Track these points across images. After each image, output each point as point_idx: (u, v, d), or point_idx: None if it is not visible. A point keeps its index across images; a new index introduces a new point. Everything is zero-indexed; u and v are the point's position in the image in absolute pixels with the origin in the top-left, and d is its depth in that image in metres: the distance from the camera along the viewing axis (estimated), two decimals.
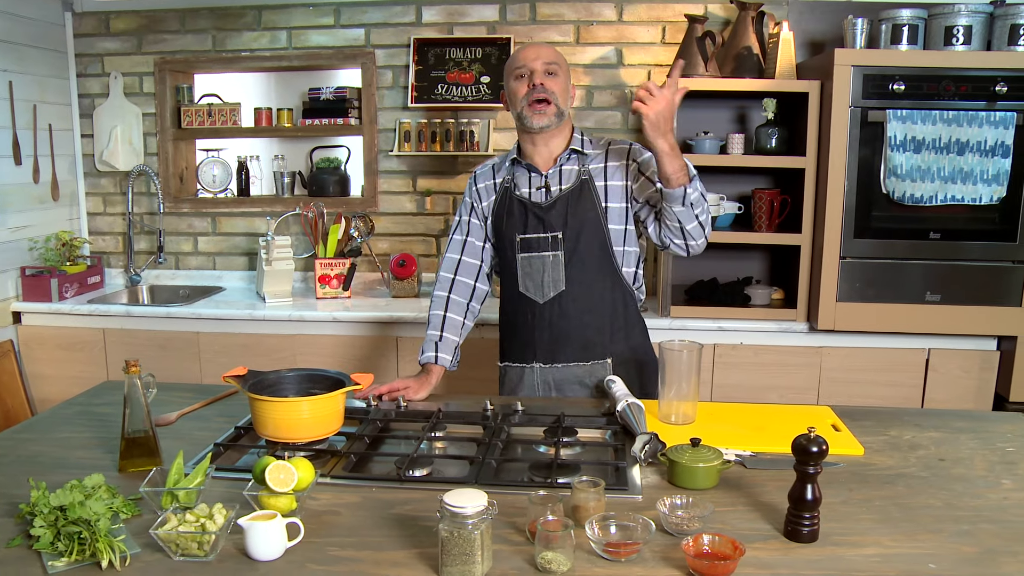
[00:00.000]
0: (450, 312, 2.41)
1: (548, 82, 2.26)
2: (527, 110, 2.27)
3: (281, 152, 4.13)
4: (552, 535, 1.35)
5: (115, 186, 4.11)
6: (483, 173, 2.47)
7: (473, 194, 2.45)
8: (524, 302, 2.36)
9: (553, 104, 2.27)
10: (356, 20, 3.85)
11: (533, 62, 2.27)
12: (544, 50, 2.32)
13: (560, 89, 2.29)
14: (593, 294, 2.35)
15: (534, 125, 2.28)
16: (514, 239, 2.34)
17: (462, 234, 2.46)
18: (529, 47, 2.33)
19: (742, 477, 1.76)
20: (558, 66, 2.30)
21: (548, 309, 2.34)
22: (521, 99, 2.28)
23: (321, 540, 1.47)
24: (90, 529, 1.40)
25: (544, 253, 2.32)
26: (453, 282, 2.44)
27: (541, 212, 2.32)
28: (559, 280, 2.32)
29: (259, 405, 1.86)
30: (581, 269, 2.32)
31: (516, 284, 2.37)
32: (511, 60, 2.36)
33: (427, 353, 2.37)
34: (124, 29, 3.99)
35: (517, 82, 2.30)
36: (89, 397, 2.33)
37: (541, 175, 2.34)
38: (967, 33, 3.01)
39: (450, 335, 2.39)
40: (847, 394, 3.23)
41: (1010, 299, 3.08)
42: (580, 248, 2.31)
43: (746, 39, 3.33)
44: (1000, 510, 1.62)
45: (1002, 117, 2.91)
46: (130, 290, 4.00)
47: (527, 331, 2.38)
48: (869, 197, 3.06)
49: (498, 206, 2.39)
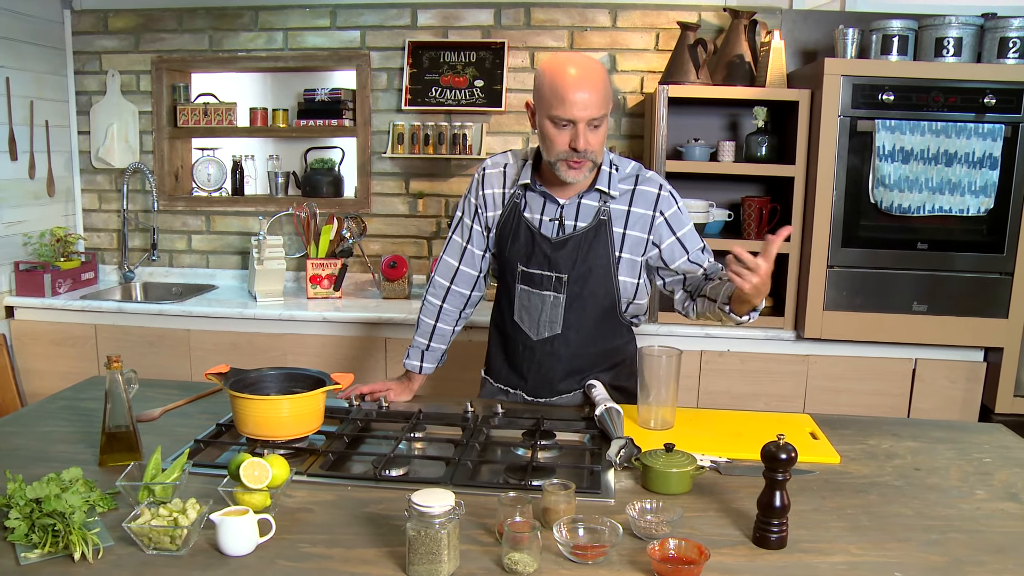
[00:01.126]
0: (441, 322, 2.35)
1: (592, 140, 1.98)
2: (562, 166, 2.02)
3: (276, 152, 4.15)
4: (519, 536, 1.37)
5: (110, 183, 4.14)
6: (492, 177, 2.24)
7: (480, 199, 2.24)
8: (518, 331, 2.24)
9: (591, 161, 2.03)
10: (352, 22, 3.87)
11: (580, 112, 1.94)
12: (594, 94, 1.94)
13: (601, 143, 2.02)
14: (588, 341, 2.23)
15: (566, 179, 2.05)
16: (515, 267, 2.19)
17: (462, 239, 2.29)
18: (577, 85, 1.93)
19: (716, 483, 1.77)
20: (605, 116, 2.00)
21: (540, 347, 2.22)
22: (559, 152, 2.01)
23: (293, 537, 1.48)
24: (64, 522, 1.41)
25: (545, 292, 2.16)
26: (448, 291, 2.33)
27: (549, 249, 2.14)
28: (556, 322, 2.18)
29: (240, 403, 1.88)
30: (580, 315, 2.18)
31: (512, 311, 2.24)
32: (551, 93, 1.96)
33: (412, 361, 2.35)
34: (122, 27, 4.01)
35: (555, 128, 1.99)
36: (75, 392, 2.34)
37: (556, 204, 2.14)
38: (957, 45, 3.02)
39: (437, 344, 2.36)
40: (833, 403, 3.24)
41: (997, 311, 3.09)
42: (584, 294, 2.16)
43: (738, 47, 3.34)
44: (971, 520, 1.63)
45: (990, 129, 2.93)
46: (123, 287, 4.02)
47: (516, 361, 2.28)
48: (857, 206, 3.07)
49: (503, 223, 2.21)
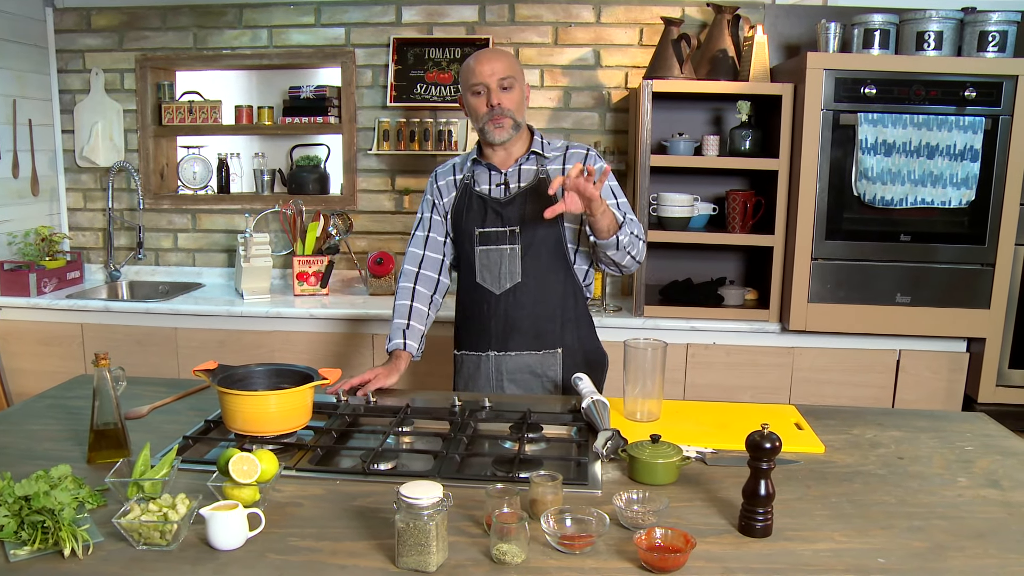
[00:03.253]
0: (416, 302, 2.48)
1: (504, 99, 2.34)
2: (488, 126, 2.37)
3: (261, 150, 4.14)
4: (507, 527, 1.38)
5: (95, 182, 4.12)
6: (444, 171, 2.54)
7: (434, 191, 2.53)
8: (481, 292, 2.44)
9: (510, 119, 2.35)
10: (336, 19, 3.86)
11: (489, 78, 2.33)
12: (497, 63, 2.35)
13: (516, 103, 2.36)
14: (546, 286, 2.44)
15: (495, 139, 2.38)
16: (473, 232, 2.42)
17: (424, 230, 2.53)
18: (483, 59, 2.36)
19: (701, 473, 1.79)
20: (513, 78, 2.35)
21: (503, 299, 2.42)
22: (481, 117, 2.37)
23: (282, 531, 1.49)
24: (54, 518, 1.41)
25: (502, 246, 2.40)
26: (417, 275, 2.51)
27: (499, 207, 2.41)
28: (515, 272, 2.41)
29: (228, 399, 1.88)
30: (536, 262, 2.41)
31: (474, 275, 2.45)
32: (466, 73, 2.39)
33: (395, 340, 2.44)
34: (105, 25, 4.00)
35: (475, 99, 2.37)
36: (62, 390, 2.34)
37: (501, 173, 2.44)
38: (938, 39, 3.05)
39: (416, 324, 2.46)
40: (818, 394, 3.27)
41: (979, 301, 3.13)
42: (535, 242, 2.40)
43: (721, 42, 3.36)
44: (953, 507, 1.65)
45: (971, 122, 2.96)
46: (109, 285, 4.01)
47: (483, 320, 2.46)
48: (840, 199, 3.10)
49: (458, 201, 2.47)
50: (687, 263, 3.66)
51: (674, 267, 3.65)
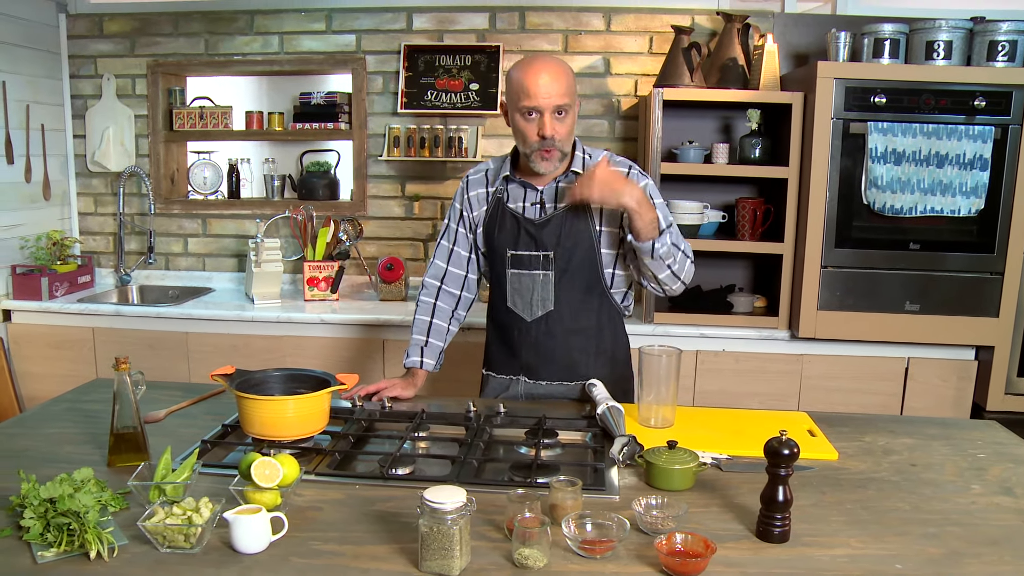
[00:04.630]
0: (436, 319, 2.43)
1: (558, 128, 2.14)
2: (535, 156, 2.18)
3: (272, 155, 4.17)
4: (529, 532, 1.39)
5: (106, 186, 4.14)
6: (476, 180, 2.39)
7: (464, 202, 2.38)
8: (511, 317, 2.33)
9: (559, 150, 2.18)
10: (347, 26, 3.89)
11: (544, 101, 2.10)
12: (556, 84, 2.10)
13: (568, 132, 2.18)
14: (580, 315, 2.32)
15: (539, 170, 2.21)
16: (505, 254, 2.29)
17: (449, 242, 2.42)
18: (540, 77, 2.10)
19: (717, 479, 1.80)
20: (570, 104, 2.14)
21: (535, 327, 2.31)
22: (531, 143, 2.17)
23: (304, 534, 1.50)
24: (79, 521, 1.43)
25: (534, 271, 2.27)
26: (439, 290, 2.43)
27: (534, 229, 2.26)
28: (548, 300, 2.28)
29: (246, 403, 1.90)
30: (570, 290, 2.29)
31: (505, 298, 2.33)
32: (518, 87, 2.14)
33: (412, 358, 2.40)
34: (117, 31, 4.02)
35: (524, 121, 2.15)
36: (78, 394, 2.36)
37: (536, 191, 2.28)
38: (947, 48, 3.07)
39: (435, 340, 2.41)
40: (827, 401, 3.28)
41: (988, 310, 3.14)
42: (571, 269, 2.27)
43: (731, 50, 3.38)
44: (967, 514, 1.67)
45: (980, 131, 2.97)
46: (120, 290, 4.03)
47: (513, 346, 2.36)
48: (850, 208, 3.11)
49: (490, 217, 2.33)
50: (696, 270, 3.65)
51: None
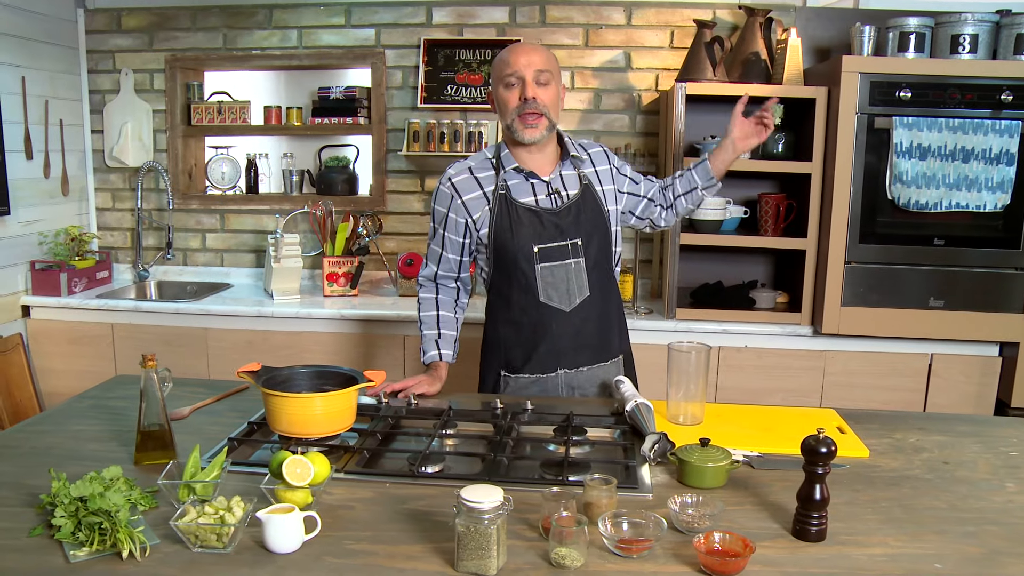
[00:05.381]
0: (442, 310, 2.43)
1: (540, 94, 2.19)
2: (518, 122, 2.21)
3: (290, 150, 4.15)
4: (566, 531, 1.38)
5: (124, 182, 4.14)
6: (463, 183, 2.31)
7: (456, 207, 2.31)
8: (546, 311, 2.28)
9: (546, 117, 2.21)
10: (367, 20, 3.87)
11: (525, 69, 2.18)
12: (535, 55, 2.20)
13: (552, 100, 2.22)
14: (606, 295, 2.36)
15: (525, 139, 2.22)
16: (530, 250, 2.25)
17: (438, 247, 2.39)
18: (520, 50, 2.21)
19: (750, 477, 1.79)
20: (551, 74, 2.21)
21: (573, 316, 2.30)
22: (512, 110, 2.21)
23: (337, 534, 1.49)
24: (111, 520, 1.42)
25: (566, 261, 2.26)
26: (437, 286, 2.45)
27: (557, 219, 2.25)
28: (583, 286, 2.29)
29: (273, 400, 1.89)
30: (599, 272, 2.32)
31: (535, 295, 2.28)
32: (500, 63, 2.24)
33: (430, 352, 2.40)
34: (135, 26, 4.02)
35: (507, 91, 2.21)
36: (102, 391, 2.35)
37: (544, 182, 2.28)
38: (973, 42, 3.03)
39: (447, 331, 2.42)
40: (850, 398, 3.26)
41: (1012, 305, 3.11)
42: (595, 252, 2.30)
43: (754, 45, 3.35)
44: (1004, 512, 1.64)
45: (1007, 125, 2.94)
46: (138, 285, 4.03)
47: (551, 340, 2.31)
48: (874, 203, 3.08)
49: (498, 217, 2.27)
50: (718, 265, 3.66)
51: (705, 270, 3.64)
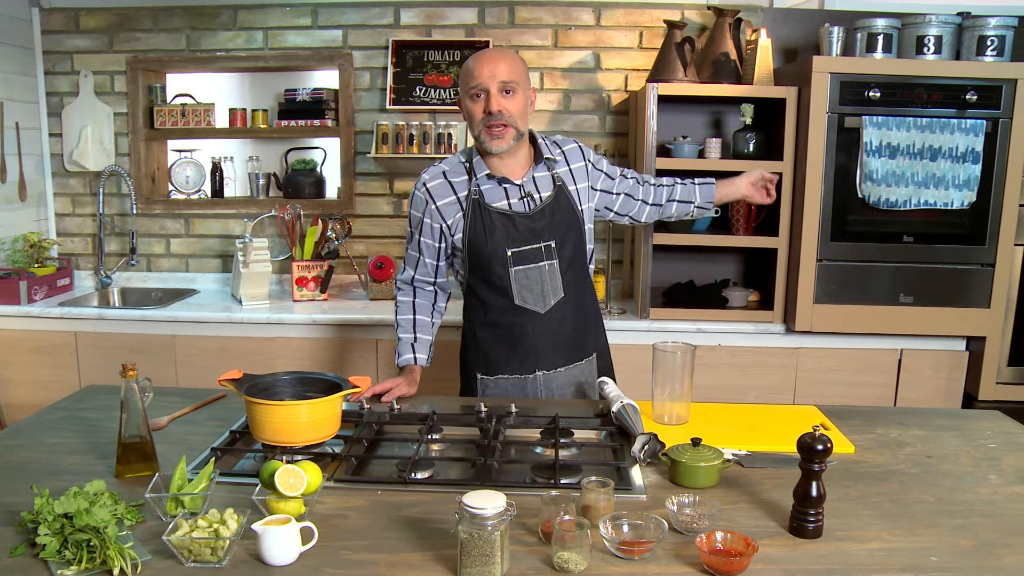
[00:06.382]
0: (419, 314, 2.44)
1: (505, 104, 2.17)
2: (484, 134, 2.20)
3: (256, 153, 4.08)
4: (569, 535, 1.37)
5: (84, 186, 4.04)
6: (438, 188, 2.31)
7: (431, 212, 2.32)
8: (521, 314, 2.31)
9: (512, 127, 2.19)
10: (334, 21, 3.82)
11: (489, 81, 2.15)
12: (500, 64, 2.16)
13: (519, 109, 2.19)
14: (581, 294, 2.39)
15: (492, 149, 2.21)
16: (504, 253, 2.27)
17: (415, 251, 2.40)
18: (484, 59, 2.18)
19: (741, 476, 1.79)
20: (516, 82, 2.18)
21: (549, 317, 2.32)
22: (478, 122, 2.20)
23: (333, 544, 1.46)
24: (99, 536, 1.37)
25: (540, 263, 2.29)
26: (415, 290, 2.46)
27: (530, 222, 2.27)
28: (558, 287, 2.31)
29: (257, 409, 1.85)
30: (573, 273, 2.34)
31: (510, 297, 2.30)
32: (465, 73, 2.21)
33: (405, 356, 2.40)
34: (94, 27, 3.92)
35: (472, 102, 2.19)
36: (74, 402, 2.28)
37: (516, 185, 2.28)
38: (938, 43, 3.09)
39: (423, 335, 2.43)
40: (823, 394, 3.29)
41: (979, 301, 3.17)
42: (570, 253, 2.32)
43: (723, 45, 3.37)
44: (990, 504, 1.68)
45: (972, 125, 2.99)
46: (100, 292, 3.93)
47: (527, 342, 2.33)
48: (845, 201, 3.12)
49: (472, 223, 2.28)
50: (689, 265, 3.68)
51: (677, 269, 3.66)
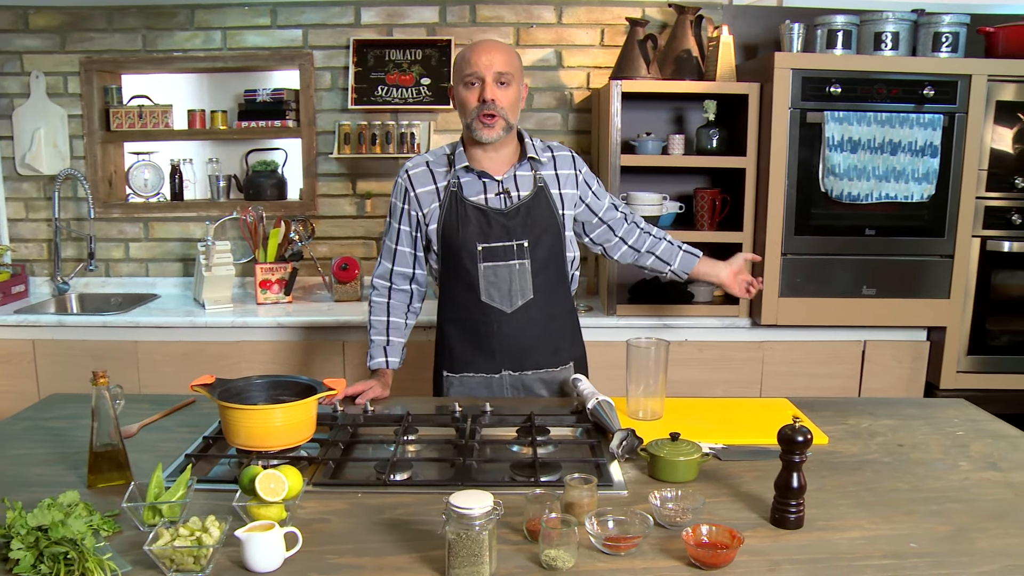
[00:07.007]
0: (392, 316, 2.42)
1: (499, 95, 2.19)
2: (476, 122, 2.20)
3: (215, 155, 4.02)
4: (556, 532, 1.37)
5: (39, 191, 3.94)
6: (419, 175, 2.32)
7: (410, 200, 2.33)
8: (487, 311, 2.30)
9: (502, 118, 2.20)
10: (293, 21, 3.78)
11: (485, 70, 2.17)
12: (497, 55, 2.19)
13: (511, 102, 2.22)
14: (556, 299, 2.37)
15: (482, 138, 2.22)
16: (474, 248, 2.26)
17: (392, 242, 2.38)
18: (482, 49, 2.20)
19: (719, 469, 1.81)
20: (511, 75, 2.20)
21: (515, 318, 2.30)
22: (471, 110, 2.21)
23: (317, 548, 1.44)
24: (76, 549, 1.34)
25: (510, 262, 2.27)
26: (390, 289, 2.42)
27: (505, 220, 2.26)
28: (527, 289, 2.29)
29: (232, 414, 1.82)
30: (546, 276, 2.32)
31: (476, 293, 2.29)
32: (461, 61, 2.23)
33: (377, 359, 2.38)
34: (45, 26, 3.82)
35: (467, 90, 2.21)
36: (38, 411, 2.23)
37: (496, 181, 2.28)
38: (895, 39, 3.14)
39: (396, 338, 2.41)
40: (789, 387, 3.33)
41: (939, 291, 3.23)
42: (544, 255, 2.30)
43: (685, 42, 3.40)
44: (963, 490, 1.71)
45: (930, 119, 3.05)
46: (58, 299, 3.83)
47: (491, 341, 2.32)
48: (808, 195, 3.16)
49: (447, 214, 2.28)
50: None
51: None
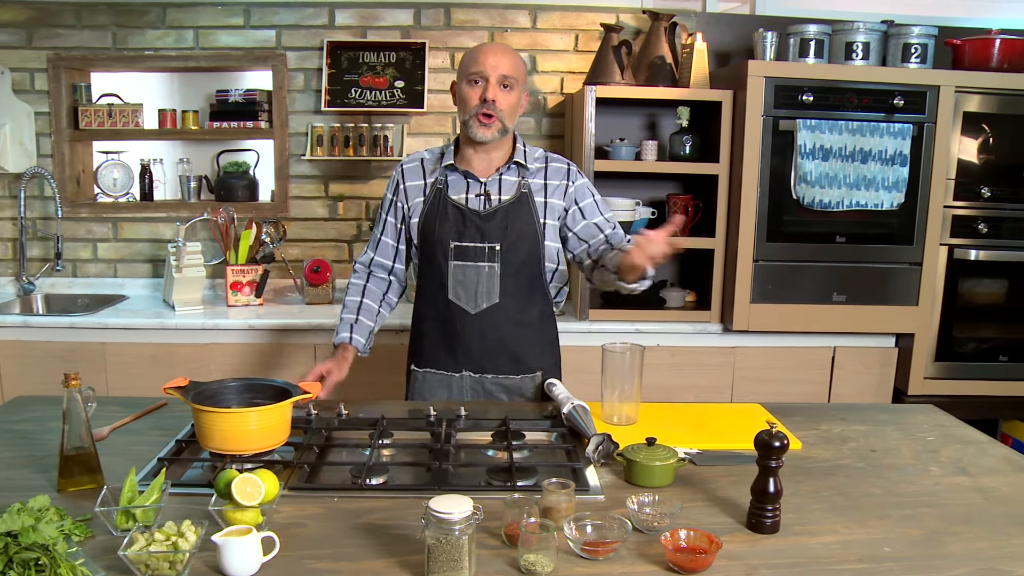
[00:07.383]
0: (367, 298, 2.41)
1: (500, 97, 2.20)
2: (474, 120, 2.21)
3: (186, 155, 3.97)
4: (534, 537, 1.36)
5: (3, 189, 3.86)
6: (411, 169, 2.37)
7: (399, 192, 2.37)
8: (453, 310, 2.31)
9: (499, 120, 2.21)
10: (267, 21, 3.75)
11: (491, 70, 2.19)
12: (504, 58, 2.21)
13: (510, 106, 2.23)
14: (525, 307, 2.35)
15: (477, 137, 2.23)
16: (447, 245, 2.27)
17: (379, 232, 2.43)
18: (490, 50, 2.22)
19: (694, 474, 1.82)
20: (515, 80, 2.22)
21: (479, 320, 2.30)
22: (471, 108, 2.21)
23: (294, 553, 1.43)
24: (48, 554, 1.31)
25: (480, 263, 2.27)
26: (369, 275, 2.45)
27: (480, 221, 2.26)
28: (493, 292, 2.29)
29: (205, 417, 1.79)
30: (515, 282, 2.30)
31: (445, 291, 2.30)
32: (468, 59, 2.24)
33: (341, 334, 2.36)
34: (11, 21, 3.75)
35: (469, 87, 2.22)
36: (4, 414, 2.18)
37: (479, 182, 2.29)
38: (865, 49, 3.19)
39: (365, 319, 2.38)
40: (760, 392, 3.36)
41: (907, 299, 3.28)
42: (516, 261, 2.29)
43: (659, 49, 3.42)
44: (934, 495, 1.74)
45: (900, 128, 3.10)
46: (23, 299, 3.76)
47: (455, 339, 2.33)
48: (780, 202, 3.19)
49: (428, 208, 2.31)
50: None
51: None
